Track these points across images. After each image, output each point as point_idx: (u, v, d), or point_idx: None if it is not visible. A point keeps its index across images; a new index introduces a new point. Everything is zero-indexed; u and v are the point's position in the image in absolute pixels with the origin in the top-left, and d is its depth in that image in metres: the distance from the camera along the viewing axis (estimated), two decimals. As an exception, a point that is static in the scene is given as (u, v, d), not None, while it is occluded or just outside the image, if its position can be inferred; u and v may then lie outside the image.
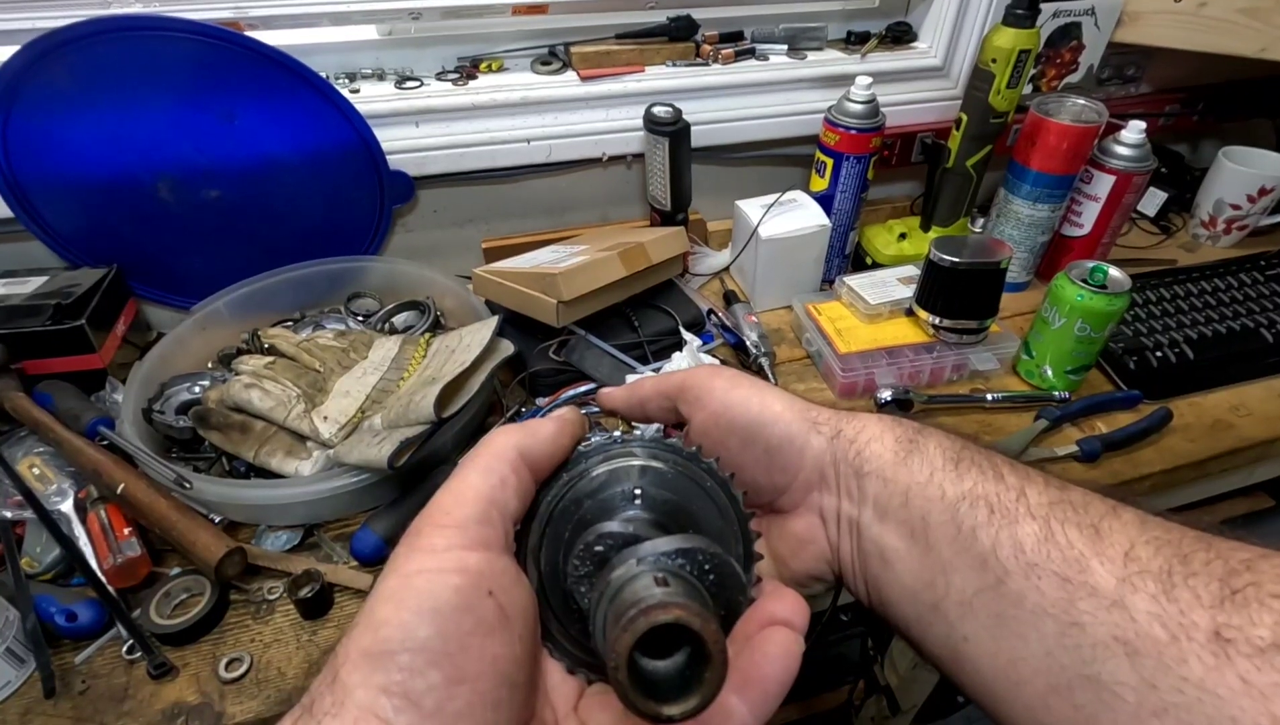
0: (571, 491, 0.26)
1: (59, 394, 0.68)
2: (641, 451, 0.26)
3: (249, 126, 0.74)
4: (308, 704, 0.20)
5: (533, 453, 0.25)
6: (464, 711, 0.20)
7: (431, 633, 0.20)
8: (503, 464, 0.24)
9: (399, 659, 0.19)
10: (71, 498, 0.63)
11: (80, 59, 0.67)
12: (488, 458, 0.25)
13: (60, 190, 0.73)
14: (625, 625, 0.18)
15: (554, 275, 0.69)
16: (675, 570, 0.21)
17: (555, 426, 0.26)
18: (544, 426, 0.26)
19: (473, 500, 0.23)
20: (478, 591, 0.21)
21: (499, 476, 0.24)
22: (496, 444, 0.25)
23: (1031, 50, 0.77)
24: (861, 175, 0.86)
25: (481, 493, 0.23)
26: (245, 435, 0.66)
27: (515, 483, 0.24)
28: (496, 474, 0.24)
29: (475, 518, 0.23)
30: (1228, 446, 0.73)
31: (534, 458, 0.25)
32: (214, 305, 0.79)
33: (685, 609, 0.18)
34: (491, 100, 0.83)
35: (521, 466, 0.25)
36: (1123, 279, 0.72)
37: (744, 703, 0.23)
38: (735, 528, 0.26)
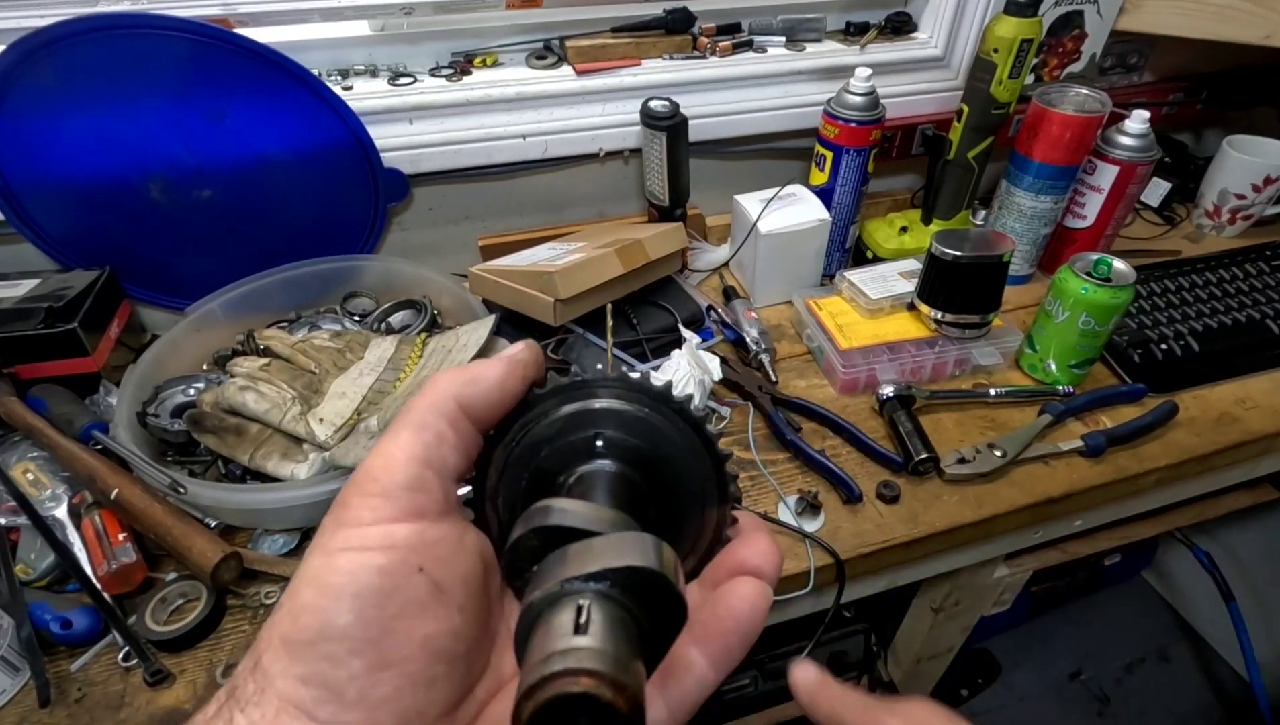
0: (528, 436, 0.24)
1: (52, 398, 0.67)
2: (605, 392, 0.23)
3: (240, 125, 0.73)
4: (231, 689, 0.19)
5: (474, 402, 0.22)
6: (391, 696, 0.19)
7: (351, 620, 0.18)
8: (438, 418, 0.21)
9: (318, 648, 0.18)
10: (66, 503, 0.62)
11: (67, 58, 0.66)
12: (421, 411, 0.22)
13: (51, 192, 0.72)
14: (529, 691, 0.16)
15: (551, 273, 0.69)
16: (604, 595, 0.18)
17: (501, 369, 0.23)
18: (488, 370, 0.23)
19: (403, 464, 0.21)
20: (405, 569, 0.19)
21: (434, 432, 0.21)
22: (433, 394, 0.22)
23: (1034, 40, 0.76)
24: (862, 168, 0.85)
25: (413, 454, 0.21)
26: (240, 438, 0.66)
27: (454, 438, 0.22)
28: (431, 430, 0.21)
29: (405, 484, 0.20)
30: (1233, 440, 0.73)
31: (476, 408, 0.22)
32: (209, 306, 0.78)
33: (597, 678, 0.16)
34: (486, 96, 0.82)
35: (461, 419, 0.22)
36: (1127, 271, 0.71)
37: (704, 655, 0.22)
38: (710, 470, 0.24)
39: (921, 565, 0.73)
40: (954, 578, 0.85)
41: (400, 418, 0.22)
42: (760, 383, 0.77)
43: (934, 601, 0.92)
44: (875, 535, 0.64)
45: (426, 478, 0.21)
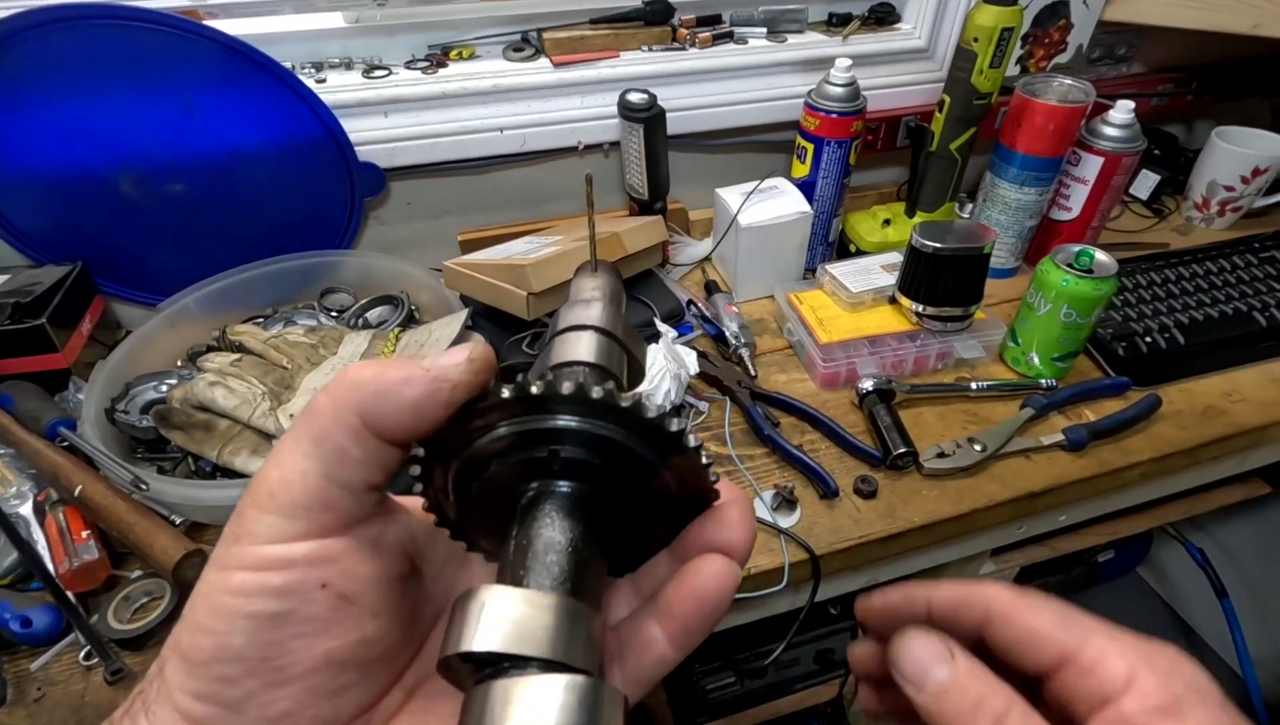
0: (471, 449, 0.21)
1: (20, 395, 0.67)
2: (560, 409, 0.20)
3: (211, 118, 0.73)
4: (140, 690, 0.19)
5: (383, 420, 0.19)
6: (292, 710, 0.18)
7: (245, 642, 0.18)
8: (340, 430, 0.19)
9: (212, 669, 0.18)
10: (31, 500, 0.62)
11: (33, 50, 0.65)
12: (323, 418, 0.19)
13: (18, 185, 0.72)
14: None
15: (523, 267, 0.68)
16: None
17: (420, 391, 0.19)
18: (407, 388, 0.19)
19: (300, 480, 0.19)
20: (305, 587, 0.18)
21: (335, 448, 0.19)
22: (335, 401, 0.19)
23: (1014, 29, 0.75)
24: (843, 160, 0.84)
25: (312, 469, 0.19)
26: (209, 434, 0.65)
27: (358, 455, 0.19)
28: (331, 445, 0.19)
29: (304, 502, 0.19)
30: (1219, 433, 0.72)
31: (385, 426, 0.19)
32: (183, 302, 0.77)
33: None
34: (462, 89, 0.81)
35: (365, 435, 0.19)
36: (1109, 263, 0.70)
37: (665, 634, 0.21)
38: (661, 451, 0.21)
39: (902, 561, 0.72)
40: (939, 574, 0.84)
41: (303, 419, 0.19)
42: (739, 377, 0.76)
43: (920, 598, 0.91)
44: (852, 530, 0.63)
45: (329, 494, 0.19)
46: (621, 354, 0.27)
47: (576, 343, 0.26)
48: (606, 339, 0.26)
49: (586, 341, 0.26)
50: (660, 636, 0.21)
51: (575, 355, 0.25)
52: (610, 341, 0.26)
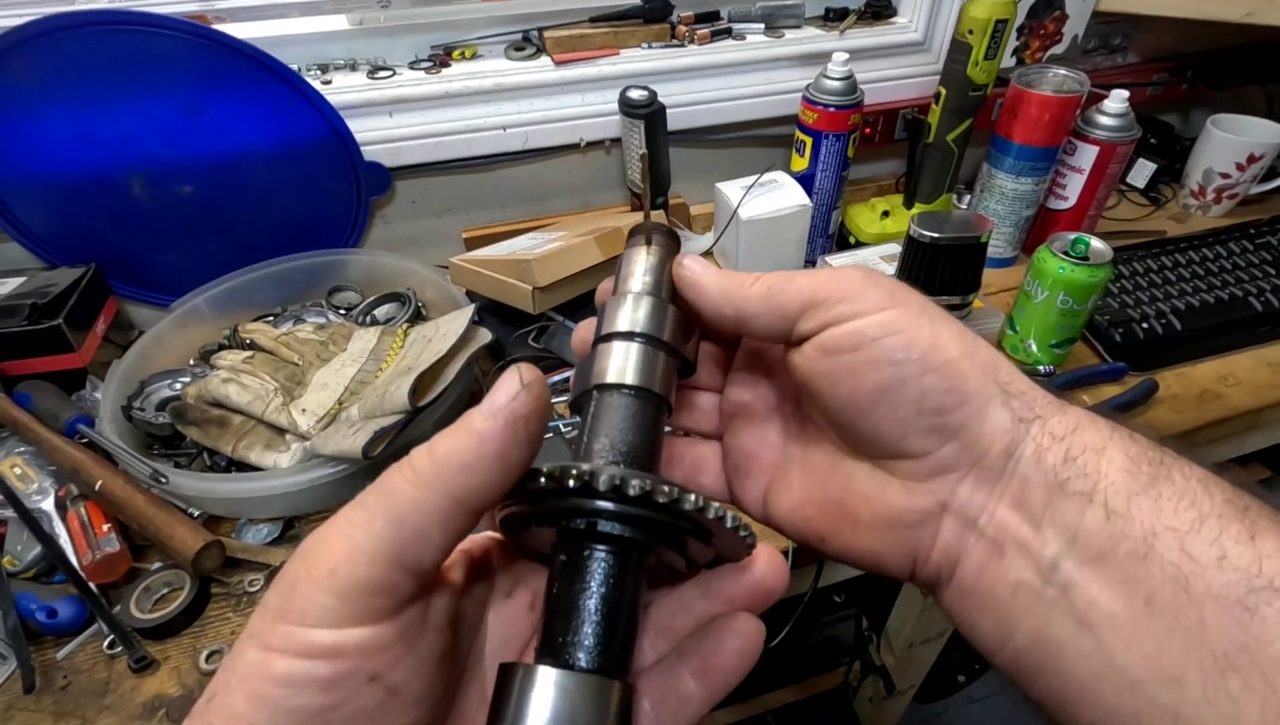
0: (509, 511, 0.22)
1: (38, 394, 0.68)
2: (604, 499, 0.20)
3: (219, 120, 0.74)
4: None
5: (475, 493, 0.18)
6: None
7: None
8: (423, 515, 0.18)
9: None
10: (52, 496, 0.63)
11: (44, 57, 0.67)
12: (405, 503, 0.18)
13: (32, 190, 0.73)
14: None
15: (528, 261, 0.69)
16: None
17: (503, 441, 0.19)
18: (487, 445, 0.18)
19: (370, 562, 0.17)
20: (355, 681, 0.17)
21: (415, 531, 0.18)
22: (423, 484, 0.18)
23: (1008, 20, 0.76)
24: (842, 153, 0.85)
25: (384, 553, 0.18)
26: (223, 429, 0.66)
27: (440, 538, 0.18)
28: (411, 528, 0.18)
29: (366, 586, 0.17)
30: (1215, 416, 0.73)
31: (478, 498, 0.19)
32: (194, 302, 0.79)
33: None
34: (465, 88, 0.82)
35: (455, 514, 0.18)
36: (1104, 250, 0.71)
37: (702, 689, 0.22)
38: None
39: (904, 546, 0.73)
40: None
41: (377, 497, 0.18)
42: (742, 368, 0.77)
43: (923, 585, 0.92)
44: (854, 515, 0.64)
45: (393, 578, 0.18)
46: (669, 362, 0.26)
47: (622, 360, 0.25)
48: (652, 350, 0.25)
49: (634, 359, 0.25)
50: (697, 692, 0.22)
51: (618, 376, 0.24)
52: (655, 351, 0.25)
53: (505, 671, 0.20)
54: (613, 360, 0.25)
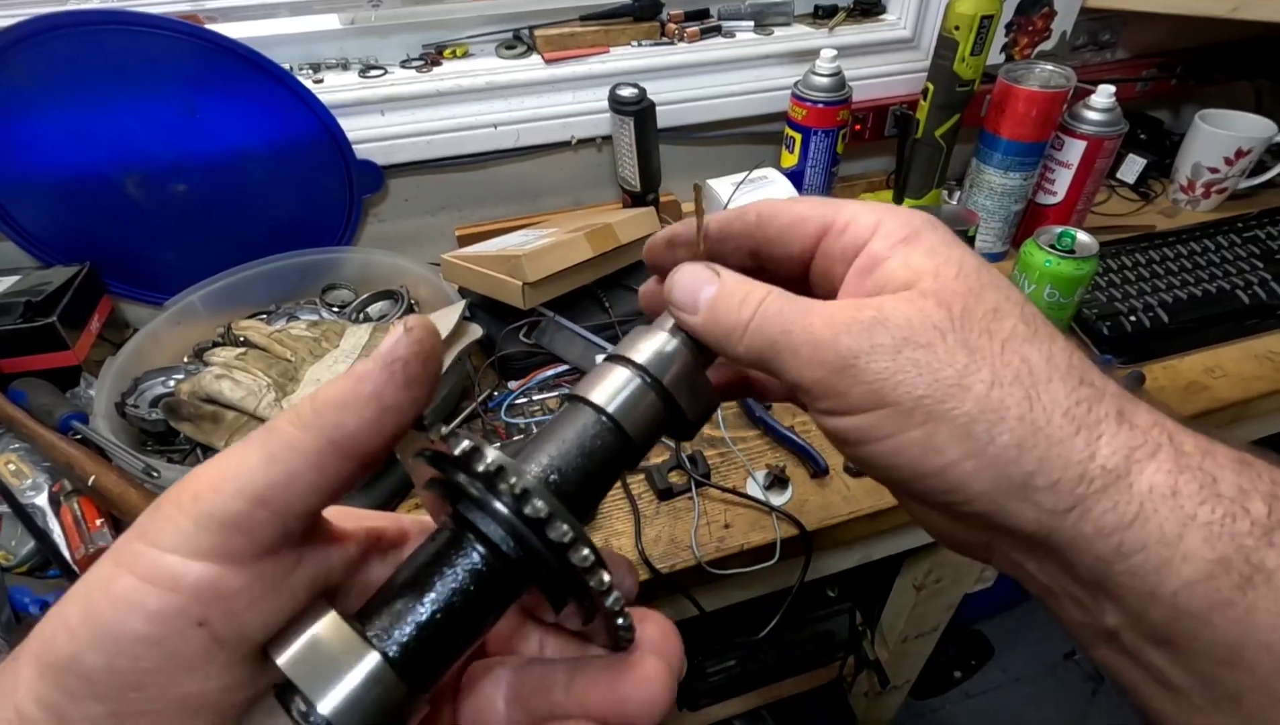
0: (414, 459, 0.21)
1: (33, 391, 0.69)
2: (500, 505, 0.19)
3: (212, 119, 0.75)
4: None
5: (352, 434, 0.18)
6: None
7: (100, 664, 0.16)
8: (297, 456, 0.18)
9: (60, 680, 0.16)
10: (46, 491, 0.64)
11: (38, 56, 0.67)
12: (281, 441, 0.18)
13: (27, 189, 0.74)
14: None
15: (518, 257, 0.70)
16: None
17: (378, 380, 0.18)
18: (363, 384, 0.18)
19: (232, 495, 0.17)
20: (179, 621, 0.17)
21: (286, 471, 0.18)
22: (300, 423, 0.18)
23: (994, 16, 0.76)
24: (831, 149, 0.86)
25: (250, 487, 0.17)
26: (216, 425, 0.67)
27: (313, 479, 0.18)
28: (283, 467, 0.18)
29: (225, 519, 0.17)
30: (1201, 407, 0.73)
31: (356, 440, 0.18)
32: (188, 299, 0.79)
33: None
34: (456, 86, 0.83)
35: (331, 457, 0.18)
36: (1090, 243, 0.72)
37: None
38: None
39: (892, 538, 0.74)
40: (933, 554, 0.86)
41: (262, 435, 0.18)
42: (732, 363, 0.77)
43: (916, 578, 0.93)
44: (841, 507, 0.65)
45: (255, 517, 0.17)
46: (657, 405, 0.23)
47: (612, 383, 0.23)
48: (646, 388, 0.23)
49: (626, 392, 0.23)
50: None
51: (603, 399, 0.23)
52: (649, 391, 0.23)
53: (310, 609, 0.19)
54: (606, 383, 0.23)
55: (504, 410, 0.73)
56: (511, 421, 0.72)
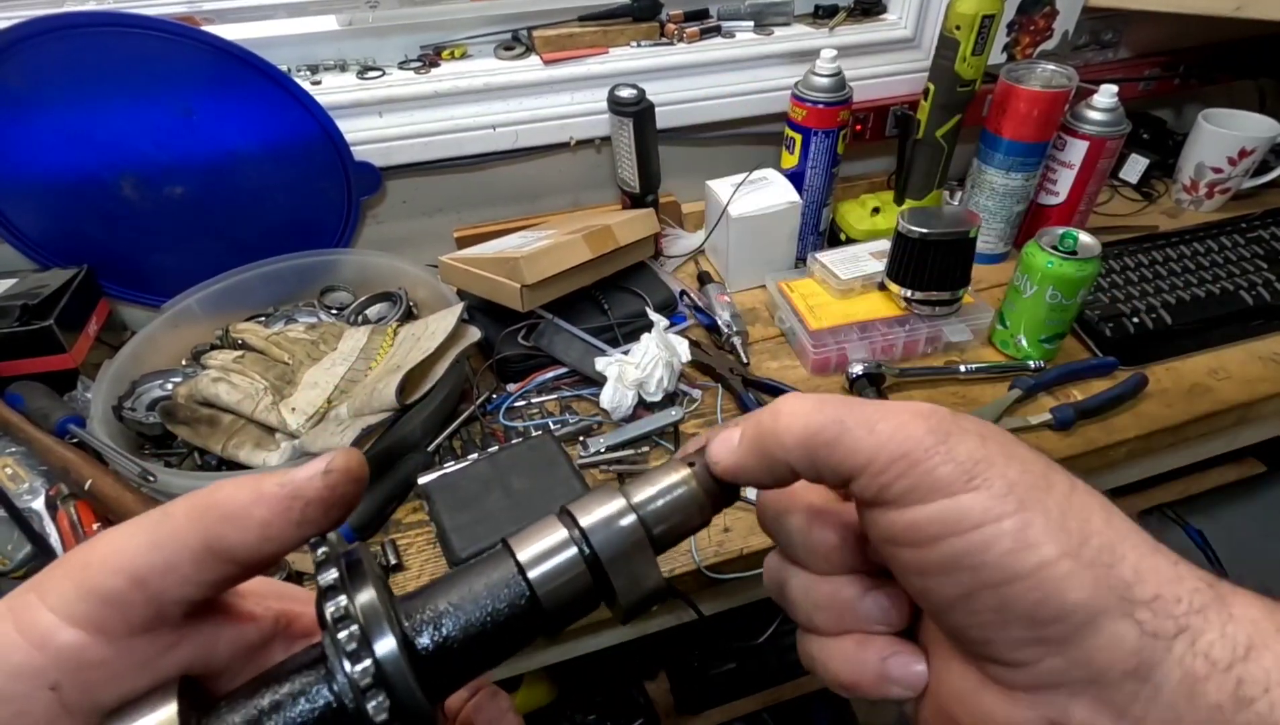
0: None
1: (30, 394, 0.68)
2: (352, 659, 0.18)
3: (208, 121, 0.74)
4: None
5: (230, 546, 0.18)
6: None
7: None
8: (177, 547, 0.18)
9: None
10: (43, 495, 0.63)
11: (33, 58, 0.67)
12: (167, 529, 0.18)
13: (23, 191, 0.73)
14: None
15: (516, 259, 0.69)
16: None
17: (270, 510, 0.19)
18: (255, 509, 0.19)
19: (112, 571, 0.18)
20: (35, 681, 0.17)
21: (165, 559, 0.18)
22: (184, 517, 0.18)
23: (995, 16, 0.76)
24: (831, 150, 0.85)
25: (130, 566, 0.18)
26: (214, 428, 0.67)
27: (190, 572, 0.18)
28: (164, 555, 0.18)
29: (102, 593, 0.17)
30: (1205, 410, 0.73)
31: (233, 552, 0.19)
32: (185, 302, 0.79)
33: None
34: (454, 87, 0.82)
35: (206, 558, 0.18)
36: (1093, 244, 0.71)
37: None
38: None
39: (894, 542, 0.73)
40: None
41: (154, 518, 0.19)
42: (731, 365, 0.77)
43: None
44: (842, 511, 0.64)
45: (130, 597, 0.18)
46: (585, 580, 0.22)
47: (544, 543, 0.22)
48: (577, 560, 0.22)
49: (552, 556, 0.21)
50: None
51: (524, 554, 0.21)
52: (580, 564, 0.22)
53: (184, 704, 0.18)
54: (540, 541, 0.22)
55: (502, 413, 0.73)
56: (510, 424, 0.72)
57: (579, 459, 0.67)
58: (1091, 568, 0.17)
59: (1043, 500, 0.17)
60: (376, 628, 0.18)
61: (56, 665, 0.17)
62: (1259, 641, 0.16)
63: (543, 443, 0.66)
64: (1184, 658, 0.16)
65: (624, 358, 0.72)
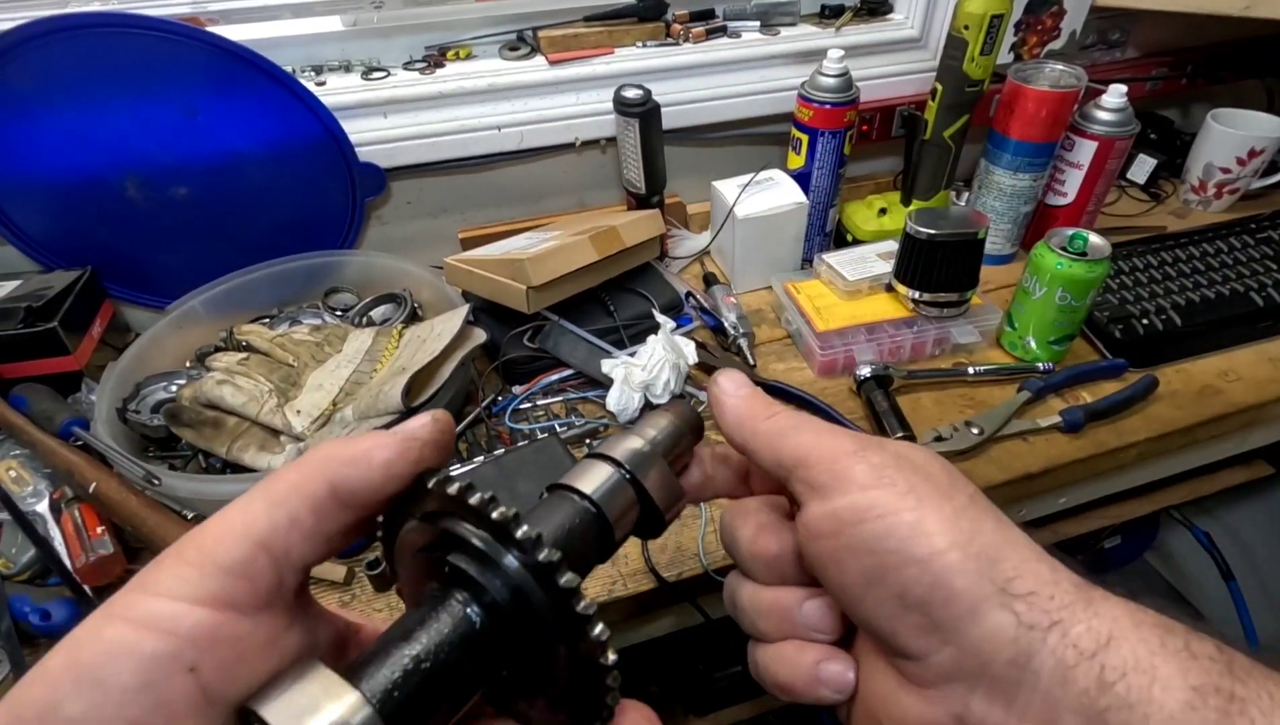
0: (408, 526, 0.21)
1: (34, 396, 0.68)
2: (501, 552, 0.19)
3: (213, 122, 0.74)
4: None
5: (353, 487, 0.19)
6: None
7: (79, 711, 0.15)
8: (301, 500, 0.19)
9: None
10: (47, 498, 0.63)
11: (38, 59, 0.67)
12: (286, 485, 0.19)
13: (27, 193, 0.73)
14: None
15: (522, 261, 0.69)
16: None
17: (391, 452, 0.20)
18: (377, 451, 0.20)
19: (236, 539, 0.18)
20: (172, 666, 0.16)
21: (288, 514, 0.18)
22: (304, 469, 0.19)
23: (1004, 15, 0.75)
24: (838, 150, 0.85)
25: (254, 531, 0.18)
26: (218, 431, 0.66)
27: (311, 524, 0.19)
28: (285, 510, 0.18)
29: (228, 564, 0.17)
30: (1216, 412, 0.72)
31: (355, 493, 0.20)
32: (190, 304, 0.79)
33: None
34: (459, 88, 0.82)
35: (329, 504, 0.19)
36: (1102, 245, 0.71)
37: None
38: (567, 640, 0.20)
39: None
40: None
41: (264, 484, 0.19)
42: (738, 367, 0.77)
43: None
44: (850, 514, 0.64)
45: (257, 563, 0.18)
46: (633, 497, 0.26)
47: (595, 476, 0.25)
48: (624, 482, 0.25)
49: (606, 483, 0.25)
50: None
51: (584, 486, 0.25)
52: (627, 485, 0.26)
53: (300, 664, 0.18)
54: (590, 475, 0.25)
55: (508, 415, 0.73)
56: (515, 427, 0.71)
57: (585, 462, 0.67)
58: (976, 560, 0.19)
59: (940, 504, 0.21)
60: (515, 525, 0.19)
61: (192, 646, 0.17)
62: (1118, 634, 0.18)
63: (548, 445, 0.66)
64: (1056, 648, 0.18)
65: (630, 360, 0.72)
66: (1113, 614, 0.19)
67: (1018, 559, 0.20)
